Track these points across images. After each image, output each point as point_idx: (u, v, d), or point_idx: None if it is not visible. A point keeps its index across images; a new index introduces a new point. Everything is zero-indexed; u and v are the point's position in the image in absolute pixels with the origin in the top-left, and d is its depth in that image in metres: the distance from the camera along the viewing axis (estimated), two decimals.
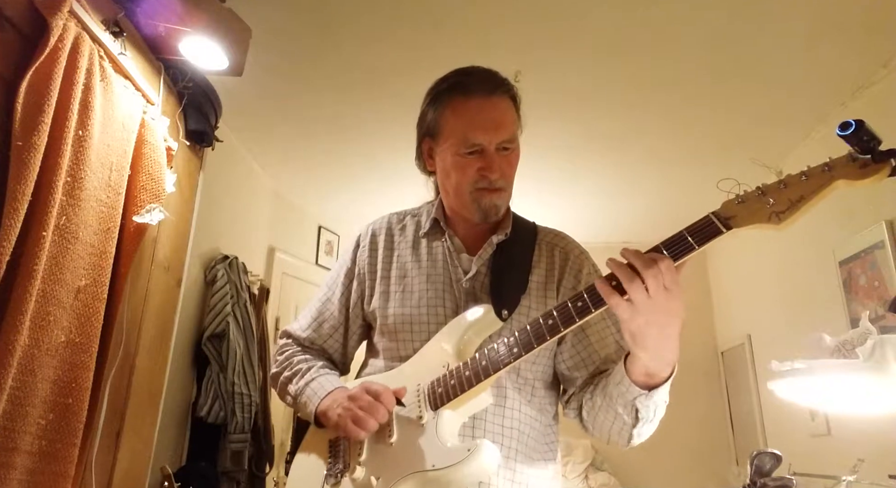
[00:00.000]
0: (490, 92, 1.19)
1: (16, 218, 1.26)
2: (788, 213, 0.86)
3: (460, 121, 1.18)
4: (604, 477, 4.18)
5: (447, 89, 1.22)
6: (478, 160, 1.17)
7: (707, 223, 0.90)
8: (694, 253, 0.90)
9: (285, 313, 3.87)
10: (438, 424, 1.06)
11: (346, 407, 1.10)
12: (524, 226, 1.31)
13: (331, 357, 1.35)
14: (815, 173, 0.86)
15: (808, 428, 3.11)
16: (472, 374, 1.06)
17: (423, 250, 1.29)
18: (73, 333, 1.50)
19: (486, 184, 1.18)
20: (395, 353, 1.22)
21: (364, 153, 3.52)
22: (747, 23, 2.37)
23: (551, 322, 0.99)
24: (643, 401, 1.01)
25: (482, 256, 1.24)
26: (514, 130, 1.21)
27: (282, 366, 1.32)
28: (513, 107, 1.22)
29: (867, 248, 2.69)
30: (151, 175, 1.81)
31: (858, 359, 1.38)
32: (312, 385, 1.22)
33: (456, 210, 1.28)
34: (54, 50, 1.40)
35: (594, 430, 1.14)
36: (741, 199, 0.90)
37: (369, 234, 1.36)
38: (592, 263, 1.27)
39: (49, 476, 1.42)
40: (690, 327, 4.44)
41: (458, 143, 1.18)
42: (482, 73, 1.23)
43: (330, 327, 1.33)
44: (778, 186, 0.88)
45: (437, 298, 1.21)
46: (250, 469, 2.92)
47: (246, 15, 2.07)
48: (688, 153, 3.41)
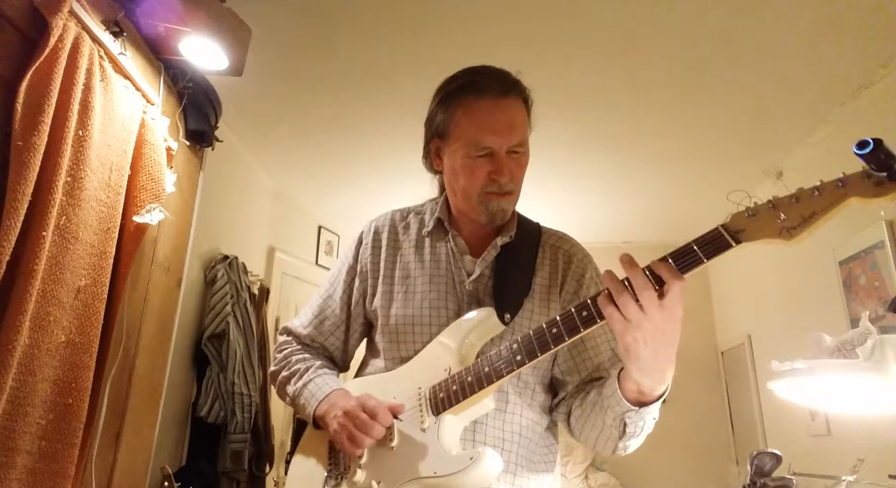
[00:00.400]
0: (503, 93, 1.17)
1: (16, 218, 1.26)
2: (800, 229, 0.83)
3: (471, 122, 1.16)
4: (604, 477, 4.18)
5: (458, 89, 1.19)
6: (488, 163, 1.16)
7: (716, 236, 0.88)
8: (702, 266, 0.88)
9: (285, 313, 3.88)
10: (440, 430, 1.06)
11: (342, 423, 1.09)
12: (528, 227, 1.30)
13: (331, 355, 1.35)
14: (828, 189, 0.83)
15: (808, 428, 3.11)
16: (475, 380, 1.05)
17: (426, 250, 1.28)
18: (73, 333, 1.50)
19: (495, 188, 1.17)
20: (396, 354, 1.21)
21: (364, 153, 3.52)
22: (748, 23, 2.37)
23: (555, 331, 0.98)
24: (632, 417, 0.99)
25: (486, 258, 1.23)
26: (525, 133, 1.19)
27: (280, 364, 1.31)
28: (524, 109, 1.20)
29: (867, 248, 2.69)
30: (151, 175, 1.81)
31: (858, 358, 1.38)
32: (310, 386, 1.22)
33: (462, 210, 1.26)
34: (54, 50, 1.40)
35: (580, 437, 1.14)
36: (752, 213, 0.88)
37: (372, 232, 1.35)
38: (595, 268, 1.27)
39: (49, 476, 1.42)
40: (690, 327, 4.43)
41: (468, 145, 1.16)
42: (494, 72, 1.21)
43: (331, 325, 1.33)
44: (789, 200, 0.85)
45: (440, 300, 1.21)
46: (250, 469, 2.92)
47: (246, 15, 2.07)
48: (689, 153, 3.41)
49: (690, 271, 0.89)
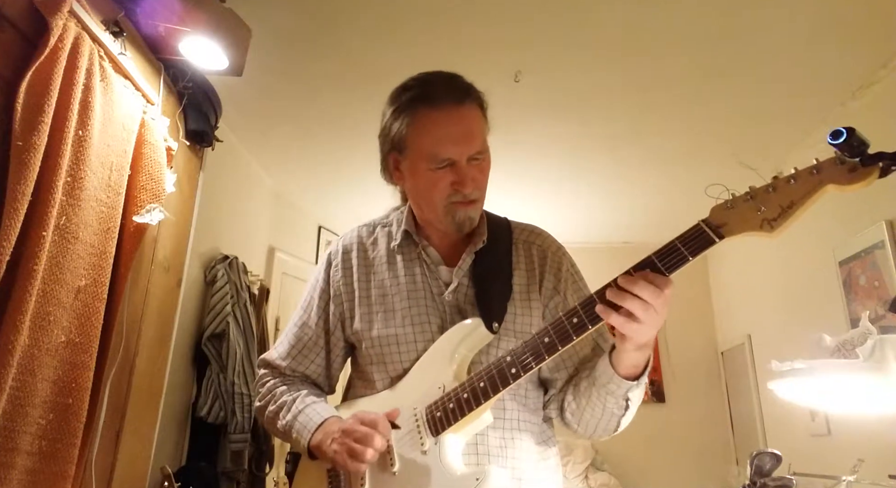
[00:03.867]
0: (457, 102, 1.13)
1: (16, 218, 1.26)
2: (780, 220, 0.85)
3: (428, 135, 1.13)
4: (604, 477, 4.18)
5: (410, 100, 1.15)
6: (449, 173, 1.13)
7: (698, 232, 0.90)
8: (688, 264, 0.90)
9: (285, 313, 3.87)
10: (441, 450, 1.04)
11: (340, 442, 1.05)
12: (498, 227, 1.28)
13: (315, 382, 1.30)
14: (803, 176, 0.84)
15: (808, 428, 3.11)
16: (471, 397, 1.04)
17: (399, 265, 1.24)
18: (73, 333, 1.50)
19: (460, 197, 1.14)
20: (385, 375, 1.18)
21: (364, 153, 3.51)
22: (748, 22, 2.37)
23: (548, 340, 1.00)
24: (634, 390, 1.04)
25: (462, 267, 1.21)
26: (484, 140, 1.17)
27: (265, 399, 1.26)
28: (480, 114, 1.17)
29: (867, 248, 2.69)
30: (151, 175, 1.81)
31: (858, 358, 1.38)
32: (300, 418, 1.17)
33: (428, 221, 1.24)
34: (54, 50, 1.40)
35: (578, 427, 1.16)
36: (730, 205, 0.89)
37: (340, 252, 1.29)
38: (570, 259, 1.27)
39: (49, 476, 1.42)
40: (690, 327, 4.49)
41: (427, 159, 1.13)
42: (445, 80, 1.17)
43: (310, 353, 1.28)
44: (766, 190, 0.86)
45: (422, 315, 1.18)
46: (250, 469, 2.92)
47: (246, 15, 2.07)
48: (688, 153, 3.41)
49: (677, 270, 0.91)
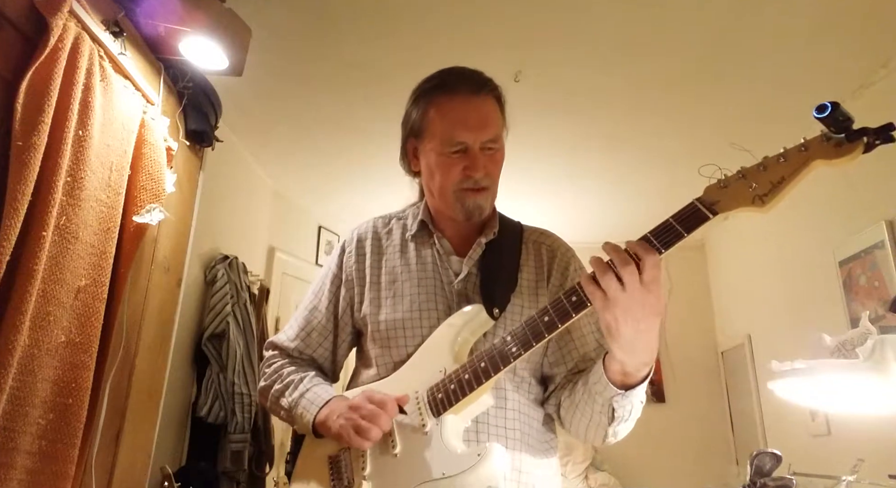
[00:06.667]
0: (474, 91, 1.19)
1: (16, 218, 1.26)
2: (771, 196, 0.88)
3: (444, 119, 1.18)
4: (604, 477, 4.18)
5: (431, 88, 1.22)
6: (462, 159, 1.17)
7: (693, 210, 0.93)
8: (682, 240, 0.92)
9: (285, 313, 3.87)
10: (443, 430, 1.05)
11: (347, 417, 1.08)
12: (510, 225, 1.31)
13: (320, 366, 1.32)
14: (792, 154, 0.88)
15: (808, 428, 3.11)
16: (472, 377, 1.05)
17: (411, 253, 1.27)
18: (73, 333, 1.50)
19: (470, 183, 1.17)
20: (389, 359, 1.20)
21: (364, 153, 3.52)
22: (748, 22, 2.37)
23: (547, 319, 0.99)
24: (619, 401, 1.01)
25: (472, 257, 1.23)
26: (498, 129, 1.20)
27: (271, 378, 1.28)
28: (497, 107, 1.22)
29: (867, 248, 2.69)
30: (151, 175, 1.81)
31: (858, 358, 1.38)
32: (308, 395, 1.19)
33: (440, 210, 1.27)
34: (54, 50, 1.40)
35: (570, 428, 1.15)
36: (724, 184, 0.92)
37: (355, 240, 1.33)
38: (578, 260, 1.28)
39: (49, 476, 1.42)
40: (690, 327, 4.49)
41: (442, 142, 1.17)
42: (467, 72, 1.23)
43: (319, 336, 1.31)
44: (758, 169, 0.90)
45: (430, 301, 1.20)
46: (250, 469, 2.92)
47: (246, 15, 2.07)
48: (688, 152, 3.41)
49: (672, 246, 0.92)
